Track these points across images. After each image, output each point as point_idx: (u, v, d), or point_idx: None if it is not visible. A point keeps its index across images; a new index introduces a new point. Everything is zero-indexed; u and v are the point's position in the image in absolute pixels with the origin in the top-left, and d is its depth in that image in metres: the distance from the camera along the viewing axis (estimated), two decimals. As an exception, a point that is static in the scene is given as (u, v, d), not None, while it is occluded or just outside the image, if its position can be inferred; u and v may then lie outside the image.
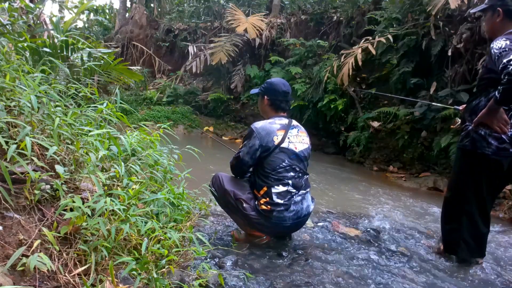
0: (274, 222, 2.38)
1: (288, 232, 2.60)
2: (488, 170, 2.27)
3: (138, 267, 1.50)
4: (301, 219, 2.47)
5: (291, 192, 2.39)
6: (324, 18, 8.91)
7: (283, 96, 2.51)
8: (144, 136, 2.44)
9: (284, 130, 2.43)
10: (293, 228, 2.52)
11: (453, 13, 5.75)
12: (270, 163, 2.38)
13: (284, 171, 2.38)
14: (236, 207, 2.44)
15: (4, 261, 1.28)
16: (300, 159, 2.46)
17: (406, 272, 2.24)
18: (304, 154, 2.49)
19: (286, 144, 2.40)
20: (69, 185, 1.74)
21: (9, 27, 3.32)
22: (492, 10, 2.29)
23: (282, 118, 2.50)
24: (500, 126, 2.14)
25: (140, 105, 9.80)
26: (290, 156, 2.41)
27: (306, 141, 2.54)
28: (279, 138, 2.39)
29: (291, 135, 2.45)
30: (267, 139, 2.37)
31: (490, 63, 2.19)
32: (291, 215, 2.39)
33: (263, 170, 2.40)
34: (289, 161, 2.40)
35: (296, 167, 2.43)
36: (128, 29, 11.53)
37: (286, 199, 2.37)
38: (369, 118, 6.60)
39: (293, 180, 2.40)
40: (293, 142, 2.44)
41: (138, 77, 4.43)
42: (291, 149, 2.41)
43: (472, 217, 2.36)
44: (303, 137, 2.53)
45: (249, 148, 2.38)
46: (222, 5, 11.48)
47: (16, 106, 1.76)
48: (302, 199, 2.45)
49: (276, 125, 2.44)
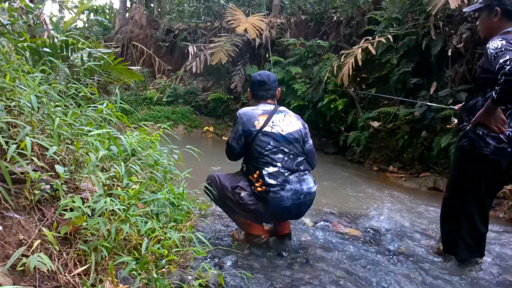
0: (273, 204, 2.36)
1: (292, 215, 2.54)
2: (487, 170, 2.27)
3: (138, 267, 1.50)
4: (302, 200, 2.44)
5: (283, 173, 2.39)
6: (324, 18, 8.91)
7: (258, 85, 2.61)
8: (144, 136, 2.44)
9: (266, 115, 2.48)
10: (295, 209, 2.46)
11: (453, 13, 5.75)
12: (256, 148, 2.42)
13: (271, 153, 2.41)
14: (234, 201, 2.44)
15: (4, 261, 1.28)
16: (289, 141, 2.46)
17: (406, 272, 2.24)
18: (294, 136, 2.49)
19: (268, 128, 2.44)
20: (69, 185, 1.74)
21: (9, 27, 3.32)
22: (488, 9, 2.28)
23: (267, 105, 2.56)
24: (498, 126, 2.14)
25: (140, 105, 9.80)
26: (276, 139, 2.43)
27: (295, 123, 2.55)
28: (261, 123, 2.44)
29: (276, 119, 2.48)
30: (248, 124, 2.44)
31: (486, 63, 2.19)
32: (289, 195, 2.38)
33: (252, 156, 2.44)
34: (275, 143, 2.42)
35: (285, 148, 2.43)
36: (128, 29, 11.53)
37: (279, 179, 2.37)
38: (369, 118, 6.61)
39: (282, 162, 2.40)
40: (278, 125, 2.47)
41: (138, 77, 4.43)
42: (276, 132, 2.44)
43: (471, 217, 2.36)
44: (290, 120, 2.54)
45: (235, 133, 2.48)
46: (222, 5, 11.48)
47: (16, 106, 1.76)
48: (300, 180, 2.43)
49: (258, 111, 2.50)
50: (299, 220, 3.13)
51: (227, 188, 2.46)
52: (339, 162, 6.81)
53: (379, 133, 6.49)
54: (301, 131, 2.56)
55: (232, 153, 2.54)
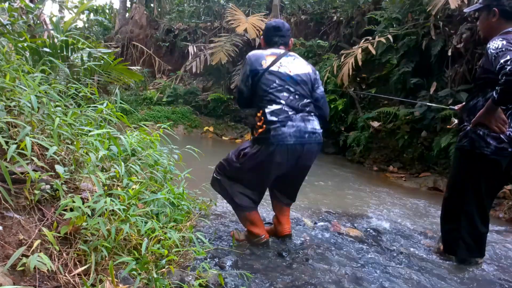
0: (275, 144, 2.29)
1: (298, 161, 2.40)
2: (487, 170, 2.27)
3: (138, 267, 1.50)
4: (307, 140, 2.36)
5: (286, 111, 2.33)
6: (324, 18, 8.91)
7: (273, 30, 2.57)
8: (144, 136, 2.44)
9: (275, 56, 2.46)
10: (299, 150, 2.35)
11: (453, 13, 5.75)
12: (261, 86, 2.39)
13: (276, 91, 2.37)
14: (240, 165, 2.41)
15: (4, 261, 1.28)
16: (296, 82, 2.41)
17: (406, 272, 2.24)
18: (302, 78, 2.44)
19: (275, 68, 2.41)
20: (69, 185, 1.74)
21: (9, 27, 3.32)
22: (487, 9, 2.28)
23: (278, 49, 2.53)
24: (499, 126, 2.14)
25: (140, 105, 9.81)
26: (282, 78, 2.39)
27: (304, 67, 2.50)
28: (268, 62, 2.42)
29: (284, 61, 2.45)
30: (256, 63, 2.42)
31: (486, 63, 2.19)
32: (291, 132, 2.31)
33: (258, 95, 2.41)
34: (280, 82, 2.39)
35: (291, 88, 2.39)
36: (128, 29, 11.53)
37: (281, 116, 2.32)
38: (369, 118, 6.60)
39: (287, 100, 2.35)
40: (286, 66, 2.43)
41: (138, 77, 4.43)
42: (283, 72, 2.40)
43: (471, 217, 2.36)
44: (299, 63, 2.51)
45: (243, 75, 2.47)
46: (222, 5, 11.48)
47: (16, 106, 1.76)
48: (304, 120, 2.37)
49: (267, 52, 2.48)
50: (299, 220, 3.13)
51: (232, 160, 2.45)
52: (339, 162, 6.80)
53: (379, 133, 6.49)
54: (310, 75, 2.50)
55: (241, 96, 2.50)
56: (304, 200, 3.83)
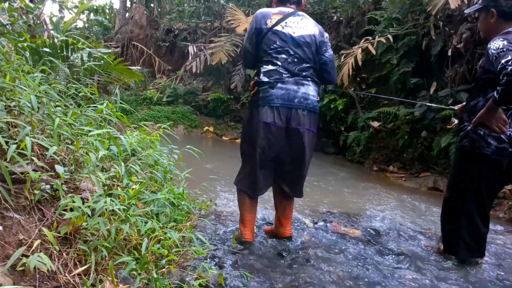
0: (262, 106, 2.26)
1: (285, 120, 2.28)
2: (488, 170, 2.27)
3: (138, 267, 1.50)
4: (296, 105, 2.26)
5: (281, 73, 2.27)
6: (324, 18, 8.91)
7: None
8: (144, 136, 2.44)
9: (282, 15, 2.38)
10: (285, 113, 2.26)
11: (453, 13, 5.75)
12: (263, 46, 2.34)
13: (274, 52, 2.31)
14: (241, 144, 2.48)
15: (4, 261, 1.28)
16: (298, 44, 2.32)
17: (406, 272, 2.24)
18: (305, 39, 2.34)
19: (279, 28, 2.34)
20: (69, 185, 1.74)
21: (9, 27, 3.32)
22: (486, 10, 2.29)
23: (287, 8, 2.44)
24: (499, 126, 2.14)
25: (140, 105, 9.81)
26: (284, 39, 2.31)
27: (310, 28, 2.39)
28: (273, 21, 2.35)
29: (290, 21, 2.36)
30: (261, 21, 2.36)
31: (487, 63, 2.19)
32: (279, 94, 2.23)
33: (259, 55, 2.37)
34: (281, 43, 2.31)
35: (291, 50, 2.31)
36: (128, 29, 11.54)
37: (273, 78, 2.26)
38: (369, 118, 6.60)
39: (284, 62, 2.28)
40: (290, 27, 2.34)
41: (138, 77, 4.43)
42: (286, 32, 2.32)
43: (471, 217, 2.36)
44: (306, 24, 2.39)
45: (248, 33, 2.43)
46: (222, 5, 11.48)
47: (16, 106, 1.76)
48: (298, 83, 2.28)
49: (274, 10, 2.41)
50: (299, 220, 3.13)
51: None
52: (339, 162, 6.80)
53: (379, 133, 6.49)
54: (315, 37, 2.38)
55: (246, 55, 2.45)
56: (304, 200, 3.83)
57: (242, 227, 2.48)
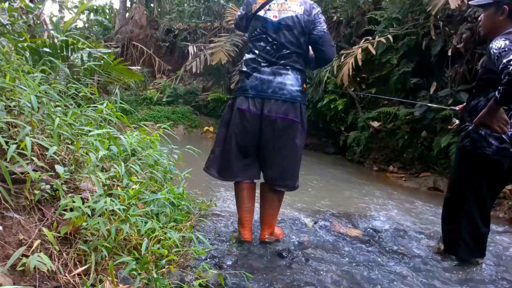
0: (239, 95, 2.28)
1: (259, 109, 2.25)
2: (488, 170, 2.27)
3: (138, 267, 1.50)
4: (269, 94, 2.21)
5: (259, 62, 2.24)
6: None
7: None
8: (144, 136, 2.44)
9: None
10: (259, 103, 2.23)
11: (453, 13, 5.75)
12: (248, 33, 2.35)
13: (255, 39, 2.29)
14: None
15: (4, 261, 1.28)
16: (277, 29, 2.23)
17: (406, 272, 2.24)
18: (287, 22, 2.22)
19: (262, 13, 2.26)
20: (69, 185, 1.74)
21: (9, 27, 3.32)
22: (496, 6, 2.20)
23: None
24: (500, 126, 2.13)
25: (140, 105, 9.81)
26: (264, 25, 2.25)
27: (295, 9, 2.24)
28: (257, 6, 2.31)
29: (274, 3, 2.27)
30: (248, 7, 2.35)
31: (489, 63, 2.18)
32: (253, 85, 2.21)
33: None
34: (261, 29, 2.26)
35: (269, 37, 2.24)
36: (128, 29, 11.54)
37: (250, 67, 2.25)
38: (369, 118, 6.60)
39: (263, 51, 2.24)
40: (273, 10, 2.25)
41: (138, 77, 4.43)
42: (268, 17, 2.25)
43: (471, 217, 2.36)
44: (290, 4, 2.25)
45: (237, 15, 2.46)
46: (222, 5, 11.48)
47: (16, 106, 1.76)
48: (275, 73, 2.23)
49: None
50: (299, 220, 3.13)
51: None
52: (339, 162, 6.80)
53: (379, 133, 6.49)
54: (299, 17, 2.23)
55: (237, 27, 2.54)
56: (304, 200, 3.83)
57: (241, 227, 2.48)
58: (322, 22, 2.28)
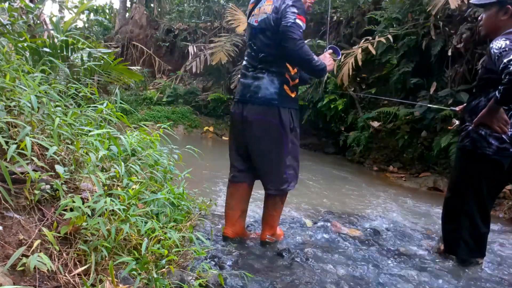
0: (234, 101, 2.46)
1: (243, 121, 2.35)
2: (489, 170, 2.27)
3: (138, 267, 1.50)
4: (247, 98, 2.31)
5: (247, 68, 2.37)
6: (324, 18, 8.90)
7: None
8: (144, 136, 2.44)
9: (253, 4, 2.38)
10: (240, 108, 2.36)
11: (453, 13, 5.75)
12: None
13: (247, 46, 2.42)
14: None
15: (4, 261, 1.28)
16: (256, 33, 2.27)
17: (406, 272, 2.24)
18: (261, 26, 2.22)
19: (250, 20, 2.37)
20: (69, 185, 1.74)
21: (9, 27, 3.32)
22: (499, 5, 2.18)
23: None
24: (501, 126, 2.13)
25: (140, 105, 9.80)
26: (250, 31, 2.37)
27: (266, 9, 2.21)
28: (248, 13, 2.42)
29: (257, 9, 2.30)
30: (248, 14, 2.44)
31: (489, 63, 2.18)
32: (239, 89, 2.40)
33: None
34: (248, 36, 2.41)
35: (252, 43, 2.33)
36: (128, 29, 11.53)
37: (241, 73, 2.41)
38: (369, 118, 6.60)
39: (249, 57, 2.37)
40: (255, 15, 2.30)
41: (138, 77, 4.43)
42: (251, 23, 2.34)
43: (472, 217, 2.36)
44: (265, 6, 2.23)
45: None
46: (222, 5, 11.47)
47: (16, 106, 1.76)
48: (254, 77, 2.30)
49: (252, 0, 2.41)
50: (299, 220, 3.13)
51: None
52: (339, 162, 6.80)
53: (379, 133, 6.49)
54: (269, 18, 2.18)
55: None
56: (304, 200, 3.83)
57: (225, 222, 2.53)
58: (289, 14, 2.07)
